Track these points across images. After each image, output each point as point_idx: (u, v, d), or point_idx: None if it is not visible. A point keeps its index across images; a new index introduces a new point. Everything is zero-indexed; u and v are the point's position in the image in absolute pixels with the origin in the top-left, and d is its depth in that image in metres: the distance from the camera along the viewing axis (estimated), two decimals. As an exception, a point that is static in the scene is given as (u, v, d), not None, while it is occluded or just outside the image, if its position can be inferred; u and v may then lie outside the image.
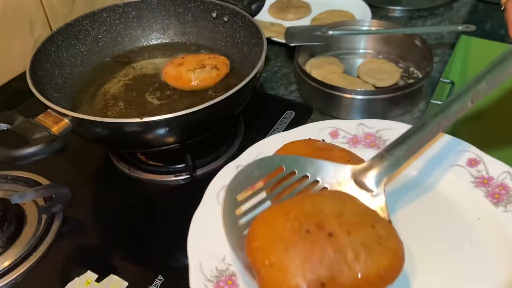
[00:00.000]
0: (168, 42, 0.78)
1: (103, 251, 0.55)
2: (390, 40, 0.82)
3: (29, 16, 0.80)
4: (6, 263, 0.53)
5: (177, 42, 0.78)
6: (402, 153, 0.46)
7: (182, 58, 0.71)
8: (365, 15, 0.94)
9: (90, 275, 0.51)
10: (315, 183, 0.46)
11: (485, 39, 0.97)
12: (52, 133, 0.50)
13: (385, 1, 1.02)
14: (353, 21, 0.83)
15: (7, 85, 0.80)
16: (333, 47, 0.84)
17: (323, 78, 0.75)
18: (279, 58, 0.88)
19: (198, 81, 0.67)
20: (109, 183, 0.65)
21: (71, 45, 0.70)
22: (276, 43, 0.88)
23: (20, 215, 0.58)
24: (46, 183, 0.61)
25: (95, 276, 0.51)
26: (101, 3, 0.78)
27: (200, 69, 0.68)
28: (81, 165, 0.67)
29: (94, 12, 0.72)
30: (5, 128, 0.51)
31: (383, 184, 0.45)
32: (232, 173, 0.48)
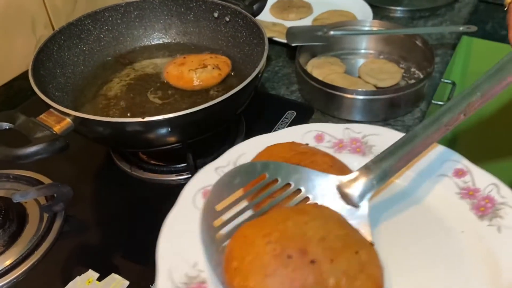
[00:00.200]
0: (169, 42, 0.78)
1: (104, 250, 0.55)
2: (391, 40, 0.82)
3: (31, 15, 0.80)
4: (8, 262, 0.53)
5: (179, 42, 0.78)
6: (389, 167, 0.45)
7: (183, 58, 0.71)
8: (366, 15, 0.94)
9: (91, 274, 0.51)
10: (298, 191, 0.44)
11: (487, 39, 0.97)
12: (54, 132, 0.50)
13: (386, 2, 1.02)
14: (355, 21, 0.84)
15: (9, 84, 0.80)
16: (335, 47, 0.85)
17: (324, 78, 0.75)
18: (280, 58, 0.88)
19: (199, 81, 0.68)
20: (110, 182, 0.65)
21: (73, 44, 0.70)
22: (277, 43, 0.88)
23: (22, 214, 0.58)
24: (48, 182, 0.61)
25: (97, 275, 0.51)
26: (103, 2, 0.78)
27: (201, 69, 0.68)
28: (83, 164, 0.67)
29: (96, 11, 0.72)
30: (7, 127, 0.51)
31: (367, 199, 0.44)
32: (210, 175, 0.46)
